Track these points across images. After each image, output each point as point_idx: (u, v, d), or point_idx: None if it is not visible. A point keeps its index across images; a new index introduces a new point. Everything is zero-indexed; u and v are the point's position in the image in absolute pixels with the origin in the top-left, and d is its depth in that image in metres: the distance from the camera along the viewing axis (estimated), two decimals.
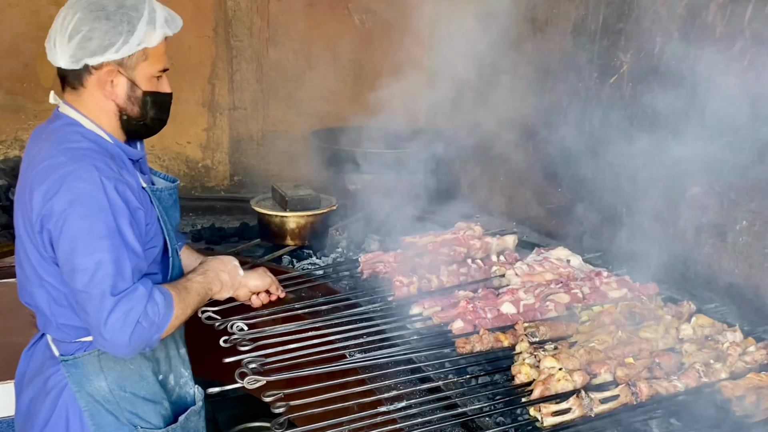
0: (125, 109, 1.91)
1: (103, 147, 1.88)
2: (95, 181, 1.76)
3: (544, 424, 1.68)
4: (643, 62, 2.79)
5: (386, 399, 1.84)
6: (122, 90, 1.88)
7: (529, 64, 3.60)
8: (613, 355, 1.96)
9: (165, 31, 1.87)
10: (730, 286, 2.44)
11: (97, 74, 1.85)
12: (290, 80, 4.60)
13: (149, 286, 1.83)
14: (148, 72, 1.89)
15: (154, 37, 1.85)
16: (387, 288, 2.61)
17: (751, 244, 2.34)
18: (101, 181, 1.76)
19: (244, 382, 1.89)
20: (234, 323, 2.26)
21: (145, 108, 1.93)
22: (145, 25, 1.82)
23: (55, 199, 1.75)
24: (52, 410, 1.93)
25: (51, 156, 1.81)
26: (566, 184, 3.36)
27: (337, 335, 2.22)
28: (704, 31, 2.48)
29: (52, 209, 1.75)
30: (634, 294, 2.47)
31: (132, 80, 1.88)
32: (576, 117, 3.24)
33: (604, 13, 3.01)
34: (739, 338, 2.08)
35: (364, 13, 4.64)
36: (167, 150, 4.52)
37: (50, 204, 1.75)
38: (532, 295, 2.42)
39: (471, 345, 2.08)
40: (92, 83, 1.87)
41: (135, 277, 1.81)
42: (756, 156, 2.29)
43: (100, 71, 1.84)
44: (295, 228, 3.22)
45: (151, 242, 1.96)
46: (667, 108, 2.67)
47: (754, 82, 2.29)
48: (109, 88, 1.87)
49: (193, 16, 4.30)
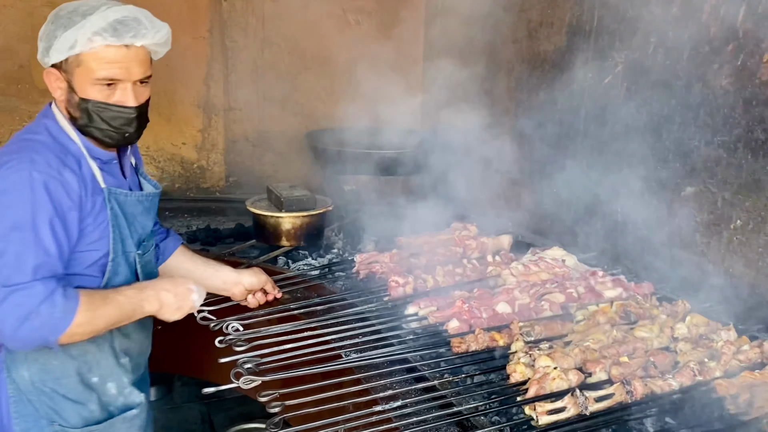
0: (70, 113, 1.94)
1: (60, 142, 1.92)
2: (23, 174, 1.80)
3: (539, 422, 1.68)
4: (637, 62, 2.79)
5: (382, 398, 1.84)
6: (62, 94, 1.92)
7: (524, 63, 3.61)
8: (608, 354, 1.97)
9: (106, 39, 1.82)
10: (725, 285, 2.44)
11: (46, 75, 1.93)
12: (285, 81, 4.60)
13: (51, 287, 1.79)
14: (84, 78, 1.87)
15: (88, 43, 1.82)
16: (383, 288, 2.61)
17: (745, 242, 2.35)
18: (30, 175, 1.80)
19: (239, 383, 1.88)
20: (229, 324, 2.26)
21: (86, 115, 1.90)
22: (77, 30, 1.82)
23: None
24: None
25: (9, 143, 1.93)
26: (560, 183, 3.37)
27: (333, 335, 2.21)
28: (698, 30, 2.49)
29: None
30: (629, 293, 2.48)
31: (71, 85, 1.89)
32: (570, 116, 3.25)
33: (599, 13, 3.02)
34: (733, 337, 2.09)
35: (358, 14, 4.65)
36: (162, 151, 4.51)
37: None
38: (527, 295, 2.43)
39: (466, 344, 2.08)
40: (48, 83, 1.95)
41: (38, 275, 1.79)
42: (750, 155, 2.30)
43: (48, 73, 1.92)
44: (290, 229, 3.22)
45: (91, 245, 1.95)
46: (661, 107, 2.68)
47: (747, 81, 2.30)
48: (53, 91, 1.94)
49: (188, 17, 4.30)
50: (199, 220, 4.11)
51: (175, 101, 4.43)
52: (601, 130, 3.03)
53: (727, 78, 2.38)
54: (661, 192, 2.71)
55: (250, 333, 2.19)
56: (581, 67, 3.15)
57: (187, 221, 4.09)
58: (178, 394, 4.52)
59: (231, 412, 4.30)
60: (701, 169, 2.51)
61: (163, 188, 4.59)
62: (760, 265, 2.30)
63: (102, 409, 2.09)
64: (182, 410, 4.35)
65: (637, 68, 2.80)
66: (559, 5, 3.31)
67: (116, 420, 2.11)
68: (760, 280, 2.31)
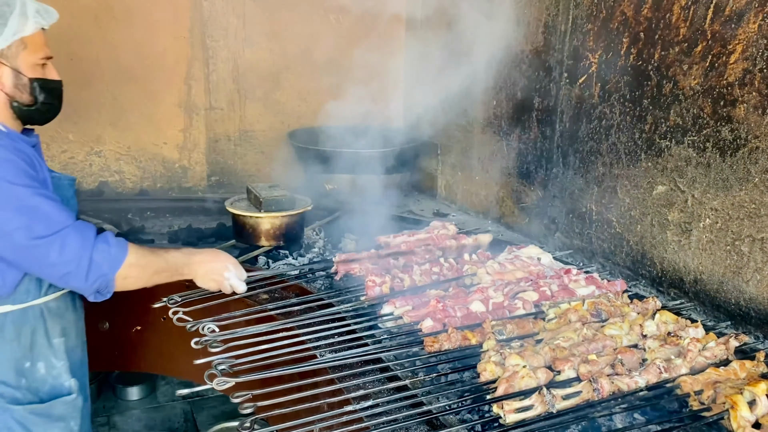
0: (14, 97, 2.08)
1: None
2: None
3: (506, 420, 1.71)
4: (611, 62, 2.83)
5: (354, 398, 1.86)
6: (8, 79, 2.05)
7: (503, 64, 3.64)
8: (578, 352, 1.99)
9: (39, 20, 2.05)
10: (695, 282, 2.49)
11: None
12: (267, 80, 4.60)
13: (94, 228, 2.08)
14: (29, 60, 2.06)
15: (28, 27, 2.02)
16: (360, 288, 2.63)
17: (714, 241, 2.39)
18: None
19: (213, 384, 1.90)
20: (205, 325, 2.27)
21: (35, 94, 2.10)
22: (18, 17, 2.00)
23: None
24: None
25: None
26: (538, 182, 3.40)
27: (309, 335, 2.23)
28: (668, 32, 2.53)
29: None
30: (602, 291, 2.51)
31: (16, 69, 2.04)
32: (547, 116, 3.28)
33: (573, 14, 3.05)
34: (700, 334, 2.13)
35: (339, 13, 4.66)
36: (144, 151, 4.51)
37: None
38: (501, 293, 2.45)
39: (439, 344, 2.10)
40: None
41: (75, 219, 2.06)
42: (718, 155, 2.34)
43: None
44: (269, 229, 3.23)
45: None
46: (634, 107, 2.72)
47: (715, 82, 2.34)
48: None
49: (168, 17, 4.30)
50: (180, 219, 4.11)
51: (156, 101, 4.42)
52: (577, 128, 3.06)
53: (696, 78, 2.42)
54: (632, 190, 2.75)
55: (225, 334, 2.21)
56: (557, 66, 3.18)
57: (169, 221, 4.09)
58: (161, 393, 4.54)
59: (214, 410, 4.32)
60: (672, 169, 2.55)
61: (145, 188, 4.62)
62: (728, 263, 2.34)
63: (33, 393, 2.18)
64: (165, 409, 4.37)
65: (610, 68, 2.83)
66: (534, 5, 3.34)
67: (56, 402, 2.21)
68: (727, 277, 2.35)
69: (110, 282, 2.05)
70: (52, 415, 2.20)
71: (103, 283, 2.04)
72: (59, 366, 2.25)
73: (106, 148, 4.42)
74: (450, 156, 4.27)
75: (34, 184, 1.98)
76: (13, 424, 2.12)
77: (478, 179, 3.95)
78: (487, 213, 3.89)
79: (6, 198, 1.92)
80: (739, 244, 2.29)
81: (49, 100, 2.14)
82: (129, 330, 3.34)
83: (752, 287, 2.26)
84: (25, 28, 2.01)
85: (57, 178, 2.20)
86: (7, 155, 1.96)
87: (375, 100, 4.55)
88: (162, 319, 2.42)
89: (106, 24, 4.15)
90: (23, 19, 2.01)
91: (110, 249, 2.04)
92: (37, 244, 1.94)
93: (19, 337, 2.14)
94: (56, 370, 2.25)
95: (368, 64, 4.80)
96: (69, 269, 1.98)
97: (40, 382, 2.21)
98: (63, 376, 2.26)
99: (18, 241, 1.94)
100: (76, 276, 1.99)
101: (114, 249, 2.05)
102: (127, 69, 4.26)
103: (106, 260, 2.02)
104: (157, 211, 4.20)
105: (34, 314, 2.17)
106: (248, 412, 1.75)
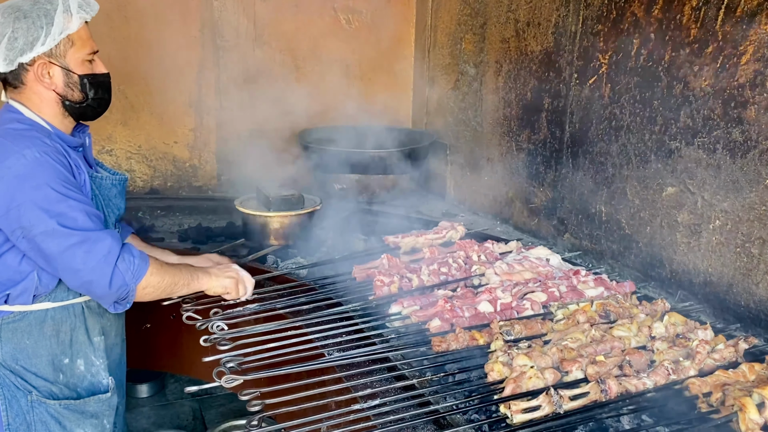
0: (66, 96, 2.08)
1: (38, 129, 2.05)
2: (33, 153, 1.96)
3: (513, 421, 1.71)
4: (621, 63, 2.82)
5: (361, 397, 1.86)
6: (59, 79, 2.06)
7: (512, 64, 3.63)
8: (585, 353, 1.99)
9: (82, 15, 2.05)
10: (704, 284, 2.48)
11: (32, 70, 2.03)
12: (277, 80, 4.62)
13: (119, 238, 2.10)
14: (78, 57, 2.07)
15: (73, 23, 2.01)
16: (368, 287, 2.64)
17: (723, 243, 2.38)
18: (38, 155, 1.96)
19: (221, 381, 1.91)
20: (214, 323, 2.28)
21: (85, 90, 2.10)
22: (62, 14, 1.99)
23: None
24: None
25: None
26: (548, 183, 3.40)
27: (317, 334, 2.24)
28: (679, 33, 2.52)
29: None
30: (610, 292, 2.51)
31: (65, 68, 2.05)
32: (557, 117, 3.28)
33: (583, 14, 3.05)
34: (709, 336, 2.12)
35: (350, 13, 4.68)
36: (154, 150, 4.53)
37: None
38: (509, 294, 2.45)
39: (447, 343, 2.10)
40: (31, 79, 2.04)
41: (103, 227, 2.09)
42: (728, 156, 2.33)
43: (34, 66, 2.02)
44: (278, 228, 3.25)
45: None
46: (644, 108, 2.71)
47: (726, 83, 2.33)
48: (47, 80, 2.05)
49: (180, 17, 4.32)
50: (190, 218, 4.14)
51: (166, 100, 4.44)
52: (587, 129, 3.05)
53: (707, 79, 2.41)
54: (642, 191, 2.74)
55: (234, 332, 2.22)
56: (567, 67, 3.17)
57: (179, 219, 4.12)
58: (170, 390, 4.56)
59: (222, 408, 4.34)
60: (682, 170, 2.54)
61: (155, 186, 4.65)
62: (738, 265, 2.33)
63: (70, 389, 2.20)
64: (174, 407, 4.39)
65: (620, 69, 2.83)
66: (545, 5, 3.33)
67: (90, 399, 2.23)
68: (737, 279, 2.34)
69: (131, 292, 2.07)
70: (86, 411, 2.23)
71: (125, 293, 2.06)
72: (98, 363, 2.28)
73: (117, 146, 4.45)
74: (459, 156, 4.26)
75: (68, 189, 1.98)
76: (47, 418, 2.15)
77: (487, 180, 3.95)
78: (496, 214, 3.88)
79: (37, 201, 1.93)
80: (749, 246, 2.28)
81: (100, 95, 2.16)
82: (139, 328, 3.37)
83: (762, 289, 2.25)
84: (70, 24, 2.02)
85: (99, 178, 2.21)
86: (47, 159, 1.97)
87: (384, 100, 4.57)
88: (171, 317, 2.43)
89: (118, 24, 4.18)
90: (68, 16, 2.01)
91: (134, 260, 2.06)
92: (61, 250, 1.95)
93: (58, 333, 2.17)
94: (95, 367, 2.27)
95: (377, 65, 4.83)
96: (92, 277, 1.99)
97: (78, 379, 2.24)
98: (101, 374, 2.29)
99: (42, 246, 1.95)
100: (99, 284, 2.01)
101: (138, 260, 2.07)
102: (138, 68, 4.29)
103: (130, 270, 2.04)
104: (167, 209, 4.23)
105: (75, 312, 2.20)
106: (256, 409, 1.76)
